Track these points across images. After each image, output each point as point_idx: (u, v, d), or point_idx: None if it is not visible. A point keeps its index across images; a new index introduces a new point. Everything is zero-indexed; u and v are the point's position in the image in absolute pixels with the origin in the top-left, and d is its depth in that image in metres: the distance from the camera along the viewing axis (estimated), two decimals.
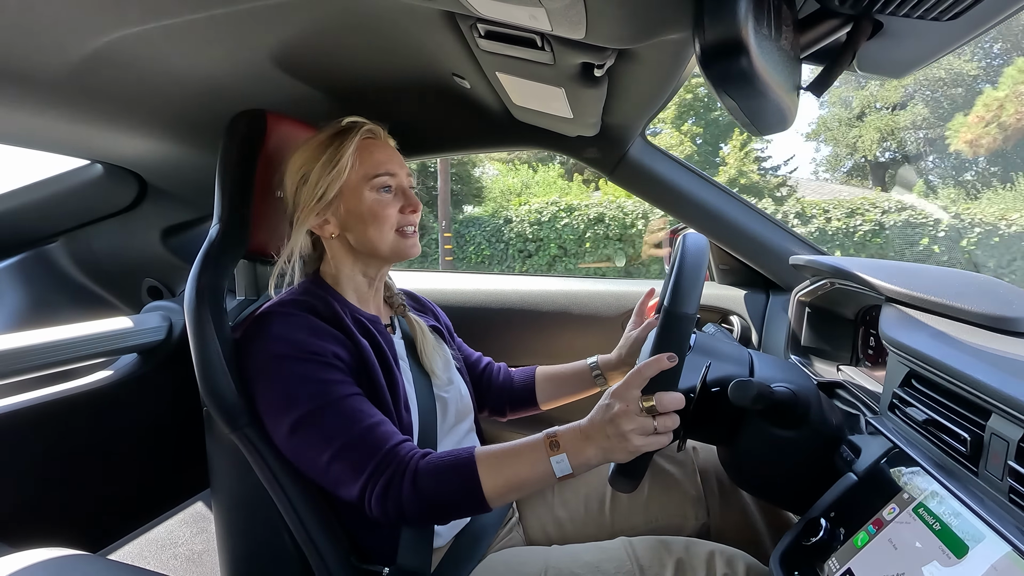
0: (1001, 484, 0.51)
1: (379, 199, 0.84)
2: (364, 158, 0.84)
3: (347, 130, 0.85)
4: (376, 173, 0.84)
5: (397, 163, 0.87)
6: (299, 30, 0.79)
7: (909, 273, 0.84)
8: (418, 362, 0.92)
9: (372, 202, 0.84)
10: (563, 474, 0.69)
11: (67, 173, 1.33)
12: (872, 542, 0.59)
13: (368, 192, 0.84)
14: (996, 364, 0.57)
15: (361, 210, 0.84)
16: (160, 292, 1.45)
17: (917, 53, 0.64)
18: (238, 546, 0.88)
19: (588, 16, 0.55)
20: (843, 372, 1.01)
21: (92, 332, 1.06)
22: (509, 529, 0.95)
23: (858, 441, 0.74)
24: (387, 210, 0.84)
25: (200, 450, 0.88)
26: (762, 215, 1.32)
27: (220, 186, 0.86)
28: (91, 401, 1.11)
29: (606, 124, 1.10)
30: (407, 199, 0.87)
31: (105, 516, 1.17)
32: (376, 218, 0.84)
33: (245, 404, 0.79)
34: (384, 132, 0.90)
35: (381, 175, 0.84)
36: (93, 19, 0.68)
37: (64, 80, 0.80)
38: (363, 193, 0.84)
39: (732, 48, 0.44)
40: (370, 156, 0.85)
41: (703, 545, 0.81)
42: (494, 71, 0.85)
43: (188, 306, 0.81)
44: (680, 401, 0.67)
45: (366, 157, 0.84)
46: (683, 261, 0.73)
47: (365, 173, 0.84)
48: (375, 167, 0.84)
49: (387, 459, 0.72)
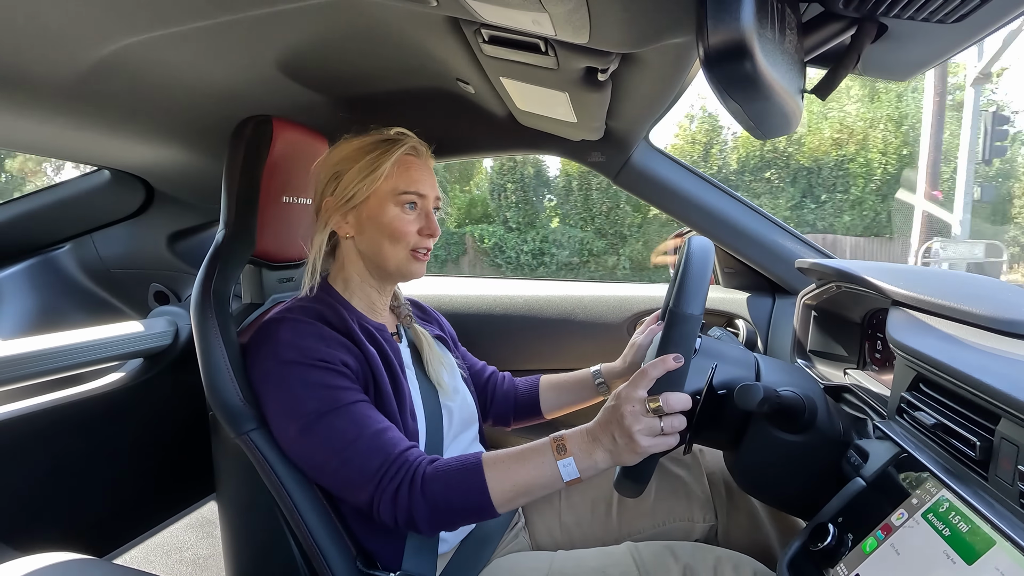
0: (1011, 489, 0.51)
1: (401, 215, 0.84)
2: (400, 172, 0.84)
3: (393, 141, 0.85)
4: (406, 190, 0.84)
5: (429, 184, 0.86)
6: (305, 36, 0.80)
7: (916, 276, 0.84)
8: (424, 370, 0.92)
9: (394, 216, 0.84)
10: (571, 478, 0.69)
11: (75, 179, 1.35)
12: (881, 548, 0.58)
13: (393, 206, 0.84)
14: (1005, 368, 0.57)
15: (381, 221, 0.84)
16: (167, 297, 1.46)
17: (922, 56, 0.64)
18: (244, 551, 0.88)
19: (591, 21, 0.55)
20: (850, 376, 1.00)
21: (99, 337, 1.06)
22: (515, 534, 0.95)
23: (866, 446, 0.73)
24: (406, 227, 0.84)
25: (206, 455, 0.88)
26: (767, 218, 1.32)
27: (226, 191, 0.87)
28: (98, 406, 1.11)
29: (610, 128, 1.10)
30: (428, 221, 0.86)
31: (112, 521, 1.18)
32: (394, 233, 0.84)
33: (251, 409, 0.79)
34: (427, 150, 0.89)
35: (410, 192, 0.84)
36: (101, 27, 0.68)
37: (72, 87, 0.81)
38: (388, 206, 0.84)
39: (736, 52, 0.44)
40: (406, 172, 0.84)
41: (710, 551, 0.81)
42: (498, 76, 0.86)
43: (194, 311, 0.81)
44: (687, 401, 0.67)
45: (402, 172, 0.84)
46: (688, 263, 0.73)
47: (395, 187, 0.83)
48: (407, 183, 0.84)
49: (396, 465, 0.71)
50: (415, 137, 0.88)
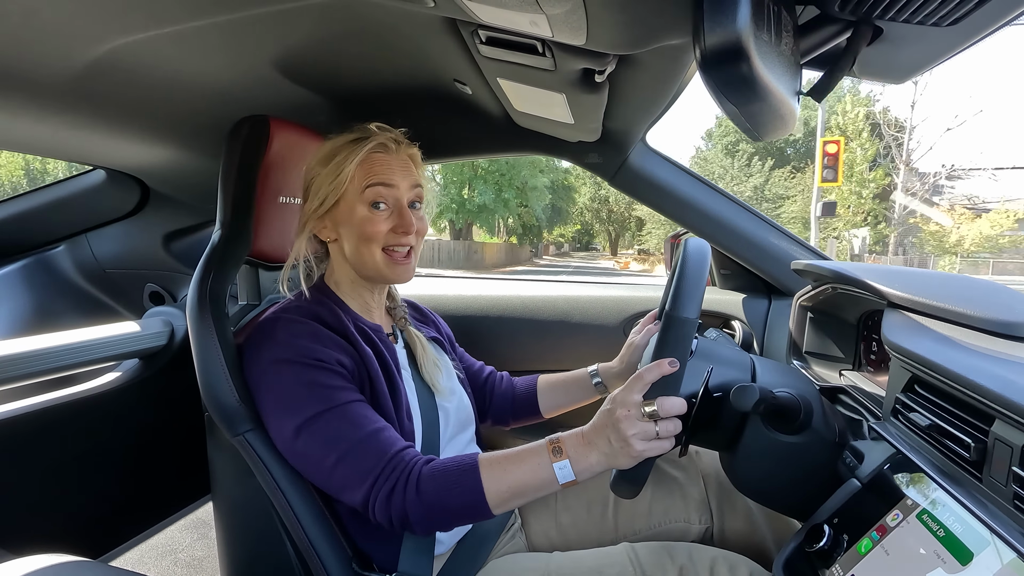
0: (1005, 490, 0.51)
1: (369, 216, 0.81)
2: (364, 171, 0.81)
3: (358, 140, 0.82)
4: (369, 183, 0.81)
5: (400, 176, 0.83)
6: (302, 36, 0.80)
7: (911, 277, 0.84)
8: (420, 373, 0.92)
9: (363, 218, 0.81)
10: (566, 480, 0.69)
11: (70, 179, 1.34)
12: (876, 548, 0.58)
13: (360, 207, 0.81)
14: (999, 369, 0.57)
15: (352, 223, 0.82)
16: (162, 297, 1.45)
17: (917, 59, 0.65)
18: (239, 552, 0.88)
19: (589, 22, 0.55)
20: (845, 377, 1.01)
21: (94, 337, 1.06)
22: (511, 535, 0.95)
23: (861, 447, 0.74)
24: (376, 227, 0.81)
25: (201, 456, 0.88)
26: (764, 220, 1.32)
27: (223, 191, 0.87)
28: (93, 406, 1.11)
29: (607, 129, 1.10)
30: (401, 218, 0.82)
31: (106, 522, 1.17)
32: (363, 235, 0.82)
33: (246, 409, 0.79)
34: (399, 144, 0.85)
35: (375, 185, 0.81)
36: (97, 26, 0.68)
37: (67, 86, 0.81)
38: (356, 207, 0.81)
39: (732, 54, 0.44)
40: (370, 168, 0.82)
41: (706, 551, 0.81)
42: (495, 77, 0.86)
43: (190, 311, 0.81)
44: (682, 406, 0.67)
45: (366, 170, 0.81)
46: (684, 265, 0.73)
47: (359, 185, 0.81)
48: (368, 176, 0.81)
49: (391, 465, 0.71)
50: (388, 132, 0.85)
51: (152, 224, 1.40)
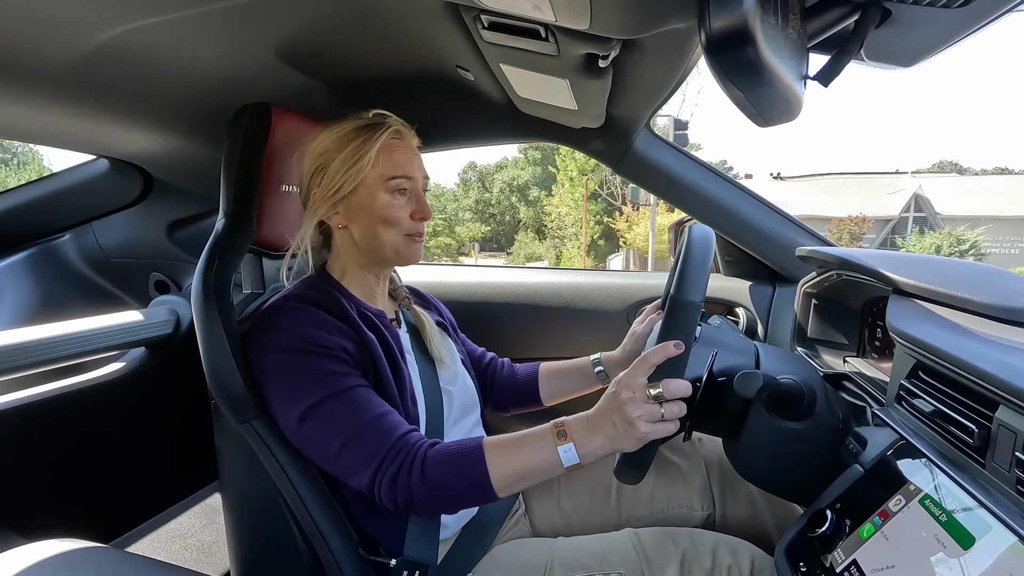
0: (1008, 476, 0.51)
1: (393, 202, 0.84)
2: (386, 158, 0.83)
3: (374, 126, 0.84)
4: (394, 175, 0.83)
5: (416, 166, 0.86)
6: (303, 23, 0.79)
7: (916, 264, 0.84)
8: (424, 355, 0.92)
9: (385, 204, 0.83)
10: (571, 464, 0.69)
11: (73, 168, 1.34)
12: (878, 533, 0.59)
13: (383, 193, 0.83)
14: (1004, 355, 0.57)
15: (373, 209, 0.83)
16: (167, 286, 1.46)
17: (927, 42, 0.63)
18: (247, 537, 0.89)
19: (592, 6, 0.54)
20: (849, 363, 1.01)
21: (100, 326, 1.06)
22: (515, 521, 0.96)
23: (864, 433, 0.74)
24: (399, 213, 0.84)
25: (208, 442, 0.89)
26: (768, 206, 1.31)
27: (225, 180, 0.87)
28: (99, 395, 1.12)
29: (611, 115, 1.09)
30: (419, 205, 0.86)
31: (116, 508, 1.19)
32: (387, 220, 0.83)
33: (252, 396, 0.79)
34: (410, 132, 0.88)
35: (399, 178, 0.83)
36: (97, 14, 0.68)
37: (68, 75, 0.81)
38: (378, 193, 0.83)
39: (738, 37, 0.44)
40: (391, 156, 0.84)
41: (709, 536, 0.82)
42: (498, 63, 0.85)
43: (195, 300, 0.81)
44: (687, 388, 0.67)
45: (388, 157, 0.83)
46: (689, 250, 0.72)
47: (383, 174, 0.83)
48: (395, 169, 0.83)
49: (396, 448, 0.72)
50: (396, 118, 0.87)
51: (156, 213, 1.40)
